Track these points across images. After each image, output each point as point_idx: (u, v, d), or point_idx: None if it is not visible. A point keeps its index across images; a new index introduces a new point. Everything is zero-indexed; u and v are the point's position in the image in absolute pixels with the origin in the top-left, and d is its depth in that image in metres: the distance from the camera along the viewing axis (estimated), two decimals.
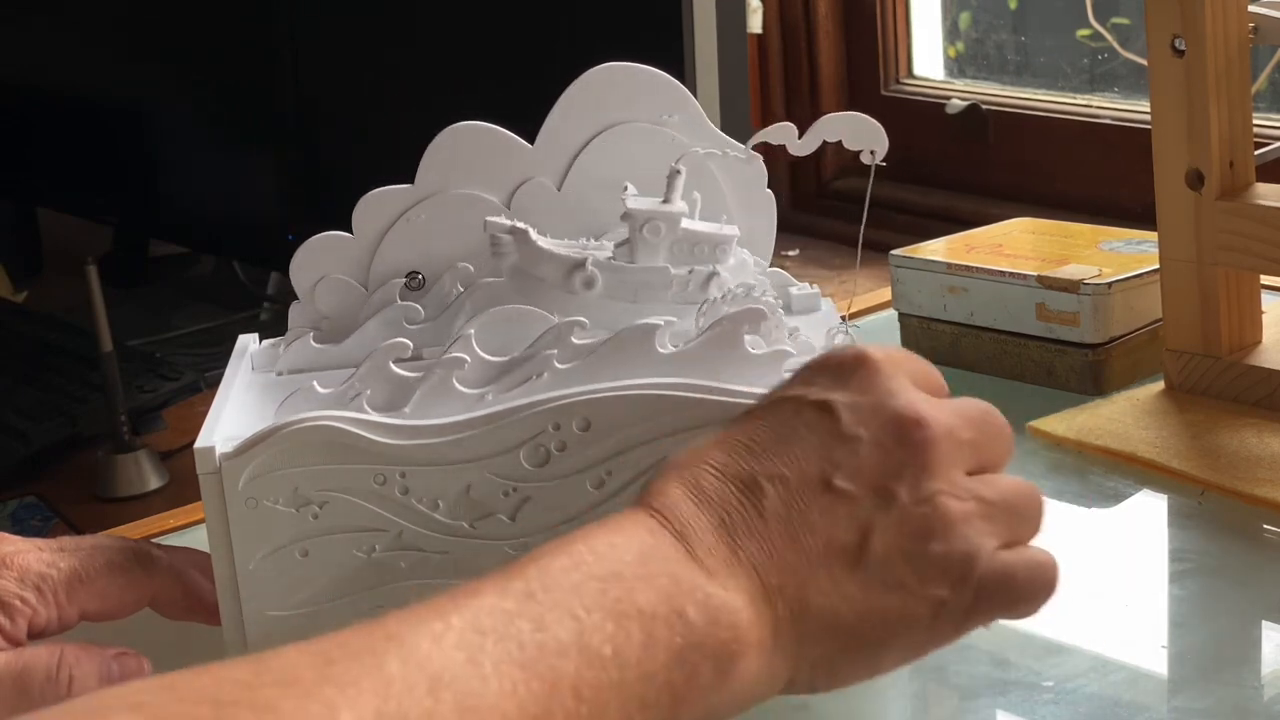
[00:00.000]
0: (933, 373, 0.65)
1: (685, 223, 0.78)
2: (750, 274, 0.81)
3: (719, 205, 0.85)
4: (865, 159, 0.81)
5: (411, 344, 0.77)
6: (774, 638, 0.58)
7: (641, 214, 0.78)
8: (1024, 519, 0.62)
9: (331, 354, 0.82)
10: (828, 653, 0.59)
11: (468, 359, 0.75)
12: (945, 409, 0.62)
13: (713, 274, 0.78)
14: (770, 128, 0.82)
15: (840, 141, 0.82)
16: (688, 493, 0.60)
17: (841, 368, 0.63)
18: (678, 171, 0.79)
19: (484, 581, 0.55)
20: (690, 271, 0.78)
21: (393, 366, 0.76)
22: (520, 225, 0.78)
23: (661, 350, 0.74)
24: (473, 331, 0.75)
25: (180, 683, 0.48)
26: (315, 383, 0.76)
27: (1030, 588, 0.60)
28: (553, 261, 0.78)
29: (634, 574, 0.56)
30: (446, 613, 0.53)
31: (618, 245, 0.79)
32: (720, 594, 0.57)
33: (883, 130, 0.81)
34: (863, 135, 0.81)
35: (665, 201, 0.78)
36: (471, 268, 0.82)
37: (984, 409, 0.63)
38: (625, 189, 0.79)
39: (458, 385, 0.74)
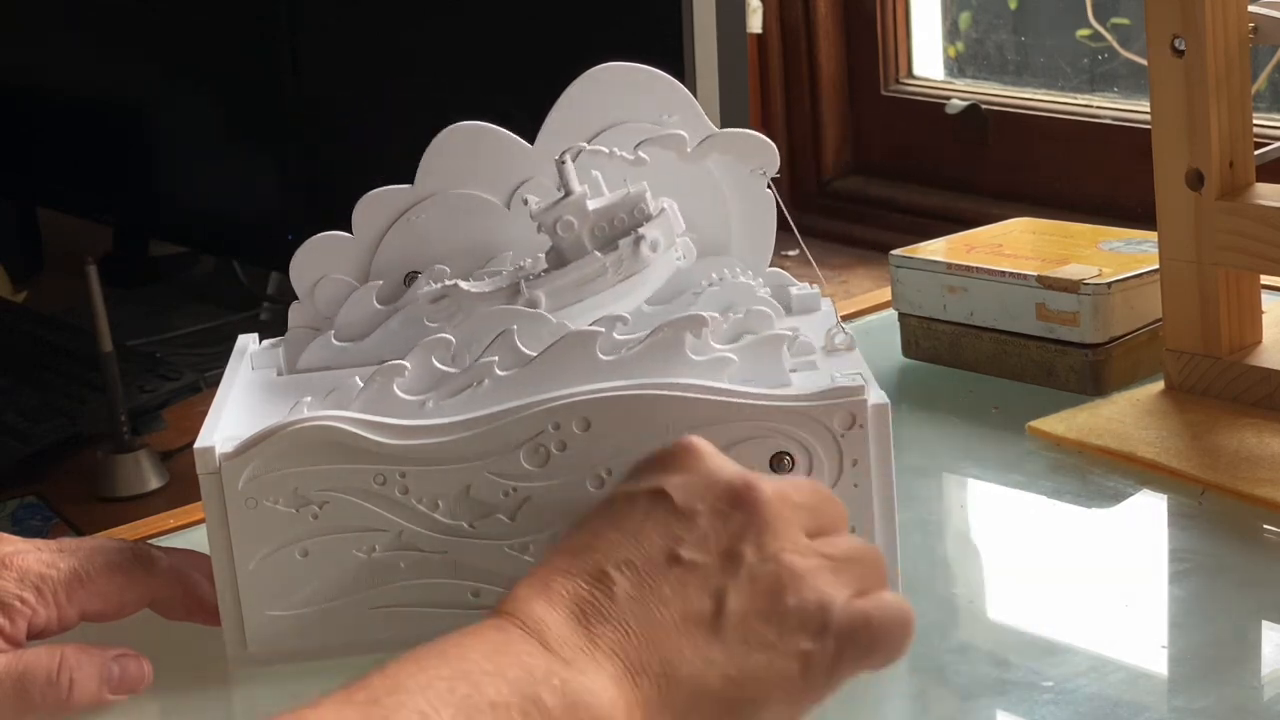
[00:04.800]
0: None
1: (590, 203, 0.78)
2: (680, 223, 0.80)
3: (719, 205, 0.85)
4: (755, 176, 0.81)
5: (454, 340, 0.76)
6: (645, 715, 0.58)
7: (548, 214, 0.78)
8: (869, 571, 0.63)
9: (353, 352, 0.82)
10: None
11: (408, 366, 0.74)
12: (774, 479, 0.64)
13: (638, 239, 0.77)
14: (661, 134, 0.81)
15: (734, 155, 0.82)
16: (536, 594, 0.60)
17: (664, 458, 0.65)
18: (563, 161, 0.78)
19: (327, 696, 0.55)
20: (616, 247, 0.77)
21: (436, 364, 0.75)
22: (448, 282, 0.79)
23: (602, 356, 0.73)
24: (516, 327, 0.75)
25: None
26: (357, 377, 0.76)
27: (888, 628, 0.62)
28: (489, 300, 0.78)
29: (483, 670, 0.56)
30: None
31: (547, 253, 0.79)
32: (578, 678, 0.57)
33: (774, 148, 0.81)
34: (753, 152, 0.82)
35: (566, 194, 0.78)
36: (449, 269, 0.82)
37: (810, 480, 0.66)
38: (525, 202, 0.79)
39: (398, 392, 0.74)
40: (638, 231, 0.77)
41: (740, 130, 0.82)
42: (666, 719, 0.59)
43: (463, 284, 0.79)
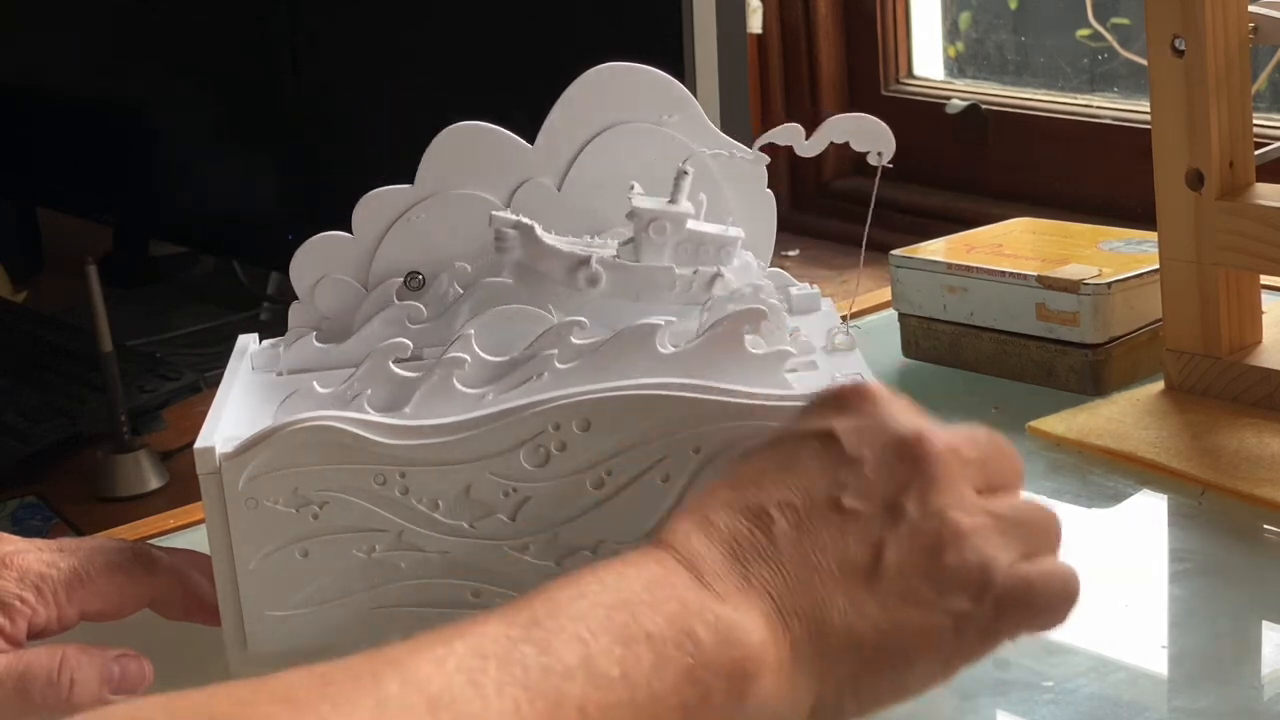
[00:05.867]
0: (924, 414, 0.65)
1: (691, 223, 0.78)
2: (753, 277, 0.81)
3: (720, 205, 0.85)
4: (872, 160, 0.81)
5: (411, 344, 0.77)
6: (793, 658, 0.58)
7: (648, 213, 0.78)
8: (1040, 535, 0.62)
9: (334, 354, 0.83)
10: (853, 671, 0.59)
11: (468, 359, 0.75)
12: (948, 431, 0.63)
13: (716, 275, 0.78)
14: (777, 129, 0.82)
15: (846, 142, 0.82)
16: (696, 527, 0.60)
17: (840, 398, 0.64)
18: (685, 172, 0.79)
19: (490, 613, 0.56)
20: (695, 272, 0.78)
21: (392, 366, 0.76)
22: (525, 221, 0.78)
23: (662, 350, 0.74)
24: (473, 331, 0.75)
25: (180, 700, 0.49)
26: (315, 383, 0.76)
27: (1050, 597, 0.60)
28: (557, 258, 0.78)
29: (641, 600, 0.56)
30: (450, 639, 0.54)
31: (622, 244, 0.79)
32: (731, 615, 0.57)
33: (890, 132, 0.81)
34: (870, 137, 0.82)
35: (672, 201, 0.78)
36: (469, 267, 0.83)
37: (988, 432, 0.64)
38: (632, 187, 0.79)
39: (458, 385, 0.74)
40: (720, 269, 0.78)
41: (858, 115, 0.82)
42: (815, 663, 0.58)
43: (538, 229, 0.79)
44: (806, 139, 0.82)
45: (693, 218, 0.79)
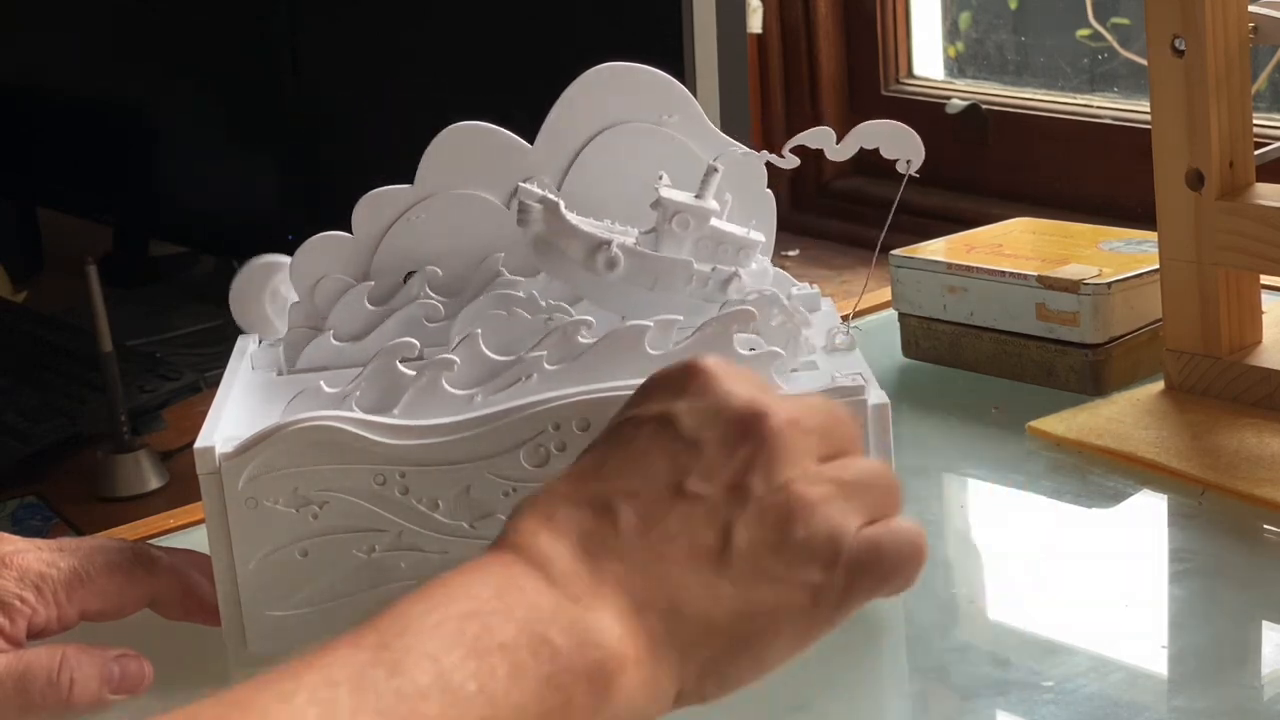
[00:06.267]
0: (760, 378, 0.65)
1: (714, 221, 0.78)
2: (769, 281, 0.81)
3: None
4: (901, 168, 0.81)
5: (418, 344, 0.77)
6: (651, 651, 0.57)
7: (673, 205, 0.78)
8: (883, 496, 0.61)
9: (350, 352, 0.82)
10: (712, 656, 0.58)
11: (457, 360, 0.75)
12: (785, 401, 0.62)
13: (734, 275, 0.78)
14: (808, 132, 0.82)
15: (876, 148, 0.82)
16: (540, 525, 0.59)
17: (673, 379, 0.63)
18: (715, 169, 0.79)
19: (339, 637, 0.55)
20: (713, 269, 0.78)
21: (399, 366, 0.76)
22: (552, 197, 0.78)
23: (651, 351, 0.74)
24: (479, 330, 0.75)
25: None
26: (322, 382, 0.76)
27: (900, 557, 0.60)
28: (578, 238, 0.78)
29: (491, 609, 0.55)
30: (298, 672, 0.53)
31: (643, 232, 0.79)
32: (586, 616, 0.56)
33: (919, 140, 0.81)
34: (900, 144, 0.82)
35: (698, 197, 0.78)
36: (440, 271, 0.82)
37: (824, 399, 0.64)
38: (660, 177, 0.79)
39: (447, 386, 0.74)
40: (738, 270, 0.78)
41: (886, 122, 0.82)
42: (675, 653, 0.58)
43: (563, 206, 0.78)
44: (837, 143, 0.82)
45: (717, 215, 0.79)
